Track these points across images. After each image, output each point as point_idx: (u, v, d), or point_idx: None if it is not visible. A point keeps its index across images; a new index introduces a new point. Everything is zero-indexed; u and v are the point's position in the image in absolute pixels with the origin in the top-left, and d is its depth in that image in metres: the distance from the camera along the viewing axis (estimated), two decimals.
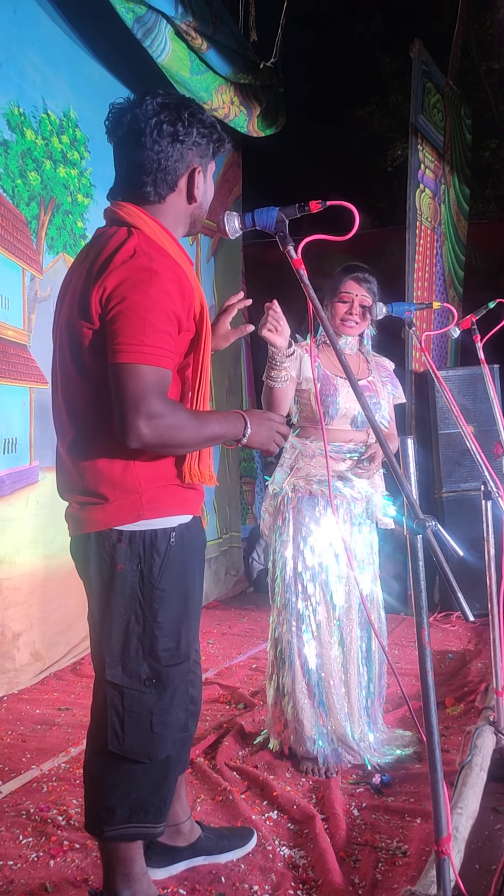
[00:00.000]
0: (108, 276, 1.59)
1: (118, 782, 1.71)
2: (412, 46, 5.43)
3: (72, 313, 1.68)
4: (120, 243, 1.63)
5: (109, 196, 1.81)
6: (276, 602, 2.74)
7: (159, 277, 1.58)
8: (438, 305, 3.02)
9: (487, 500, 2.62)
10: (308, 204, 1.67)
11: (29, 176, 3.89)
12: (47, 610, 3.91)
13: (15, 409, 3.79)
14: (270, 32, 6.10)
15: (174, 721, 1.74)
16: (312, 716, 2.63)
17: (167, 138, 1.69)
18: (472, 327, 2.91)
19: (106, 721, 1.69)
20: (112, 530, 1.67)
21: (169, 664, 1.70)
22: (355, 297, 2.74)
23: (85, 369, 1.67)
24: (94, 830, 1.76)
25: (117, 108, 1.73)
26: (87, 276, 1.65)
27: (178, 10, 4.43)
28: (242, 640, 4.51)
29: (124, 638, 1.68)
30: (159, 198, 1.74)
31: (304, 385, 2.70)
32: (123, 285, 1.57)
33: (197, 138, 1.73)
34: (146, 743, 1.70)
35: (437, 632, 4.58)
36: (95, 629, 1.73)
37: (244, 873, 2.02)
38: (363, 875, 2.00)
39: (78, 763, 2.73)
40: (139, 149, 1.69)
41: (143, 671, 1.69)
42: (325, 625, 2.67)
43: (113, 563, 1.67)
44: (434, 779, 1.51)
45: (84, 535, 1.72)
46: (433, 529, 1.46)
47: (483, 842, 2.15)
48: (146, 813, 1.72)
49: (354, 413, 2.73)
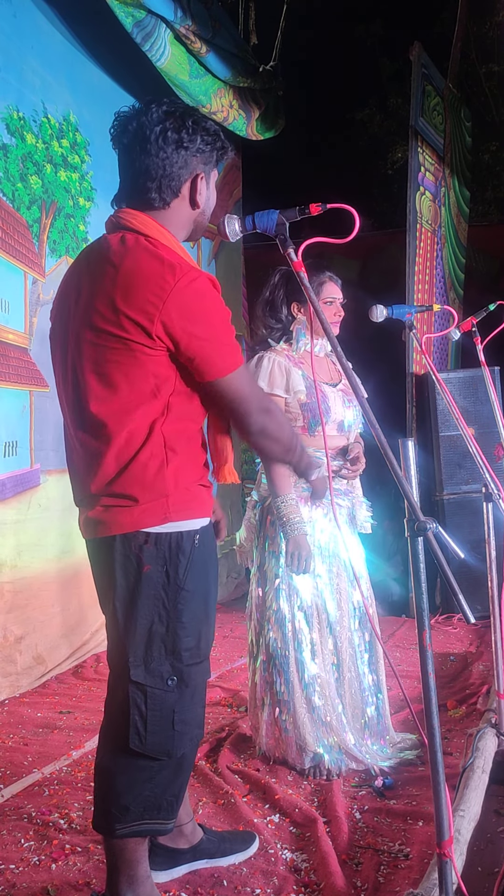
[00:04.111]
0: (136, 289, 1.62)
1: (134, 780, 1.73)
2: (412, 49, 5.44)
3: (89, 325, 1.67)
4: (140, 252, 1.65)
5: (114, 202, 1.82)
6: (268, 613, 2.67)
7: (204, 289, 1.66)
8: (439, 308, 3.02)
9: (488, 502, 2.61)
10: (308, 207, 1.68)
11: (30, 180, 3.89)
12: (49, 613, 3.91)
13: (15, 412, 3.79)
14: (270, 36, 6.11)
15: (194, 718, 1.77)
16: (314, 731, 2.59)
17: (172, 145, 1.72)
18: (472, 329, 2.91)
19: (126, 720, 1.70)
20: (139, 532, 1.69)
21: (190, 663, 1.74)
22: (337, 299, 2.76)
23: (110, 381, 1.67)
24: (104, 829, 1.76)
25: (123, 115, 1.76)
26: (109, 287, 1.65)
27: (178, 14, 4.44)
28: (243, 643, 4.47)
29: (147, 638, 1.71)
30: (164, 204, 1.76)
31: (292, 397, 2.67)
32: (178, 306, 1.62)
33: (201, 145, 1.76)
34: (167, 741, 1.72)
35: (438, 634, 4.58)
36: (118, 630, 1.74)
37: (246, 876, 2.02)
38: (365, 878, 1.99)
39: (80, 766, 2.74)
40: (144, 155, 1.72)
41: (166, 670, 1.71)
42: (319, 637, 2.64)
43: (140, 564, 1.69)
44: (436, 781, 1.50)
45: (109, 538, 1.72)
46: (434, 532, 1.46)
47: (485, 844, 2.14)
48: (158, 809, 1.75)
49: (342, 419, 2.72)
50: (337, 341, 1.71)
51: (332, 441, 2.72)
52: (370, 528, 2.81)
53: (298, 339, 2.75)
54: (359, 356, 3.01)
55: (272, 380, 2.68)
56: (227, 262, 6.23)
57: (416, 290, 5.46)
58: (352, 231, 1.64)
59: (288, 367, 2.68)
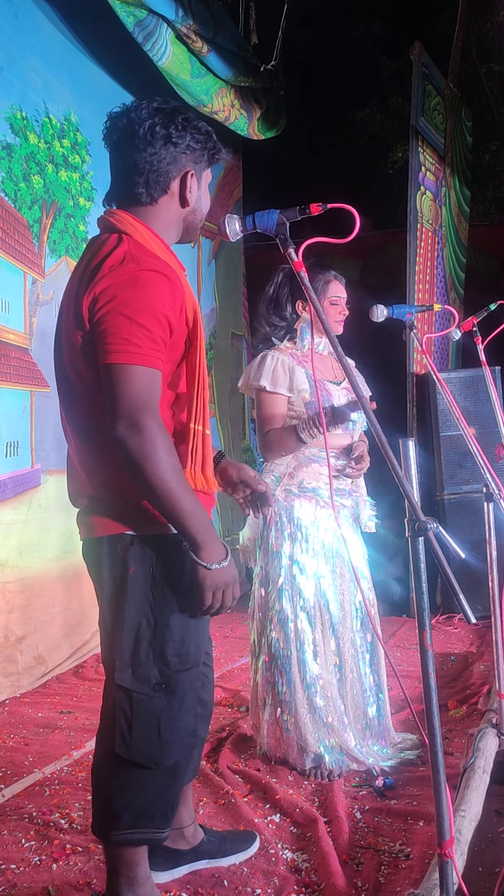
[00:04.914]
0: (97, 282, 1.61)
1: (125, 786, 1.71)
2: (412, 49, 5.44)
3: (67, 320, 1.70)
4: (110, 250, 1.65)
5: (105, 201, 1.83)
6: (270, 613, 2.66)
7: (148, 280, 1.60)
8: (439, 307, 3.02)
9: (489, 502, 2.61)
10: (309, 206, 1.68)
11: (32, 180, 3.89)
12: (50, 613, 3.91)
13: (16, 412, 3.79)
14: (271, 35, 6.11)
15: (182, 727, 1.73)
16: (315, 731, 2.59)
17: (160, 140, 1.72)
18: (473, 329, 2.91)
19: (114, 724, 1.69)
20: (125, 534, 1.68)
21: (179, 669, 1.70)
22: (342, 298, 2.77)
23: (81, 375, 1.68)
24: (99, 834, 1.76)
25: (114, 113, 1.77)
26: (78, 282, 1.67)
27: (179, 14, 4.44)
28: (244, 643, 4.49)
29: (135, 641, 1.68)
30: (151, 199, 1.75)
31: (296, 395, 2.68)
32: (111, 288, 1.59)
33: (191, 142, 1.75)
34: (153, 748, 1.69)
35: (439, 634, 4.58)
36: (107, 632, 1.73)
37: (247, 877, 2.02)
38: (366, 878, 1.99)
39: (80, 766, 2.74)
40: (132, 150, 1.72)
41: (153, 676, 1.68)
42: (322, 637, 2.64)
43: (125, 566, 1.68)
44: (437, 781, 1.50)
45: (97, 539, 1.72)
46: (435, 532, 1.46)
47: (486, 844, 2.14)
48: (152, 819, 1.72)
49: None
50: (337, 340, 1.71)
51: (336, 440, 2.72)
52: (374, 527, 2.81)
53: (303, 338, 2.76)
54: (360, 356, 3.02)
55: (275, 378, 2.68)
56: (227, 261, 6.22)
57: (416, 290, 5.46)
58: (352, 231, 1.64)
59: (292, 366, 2.68)
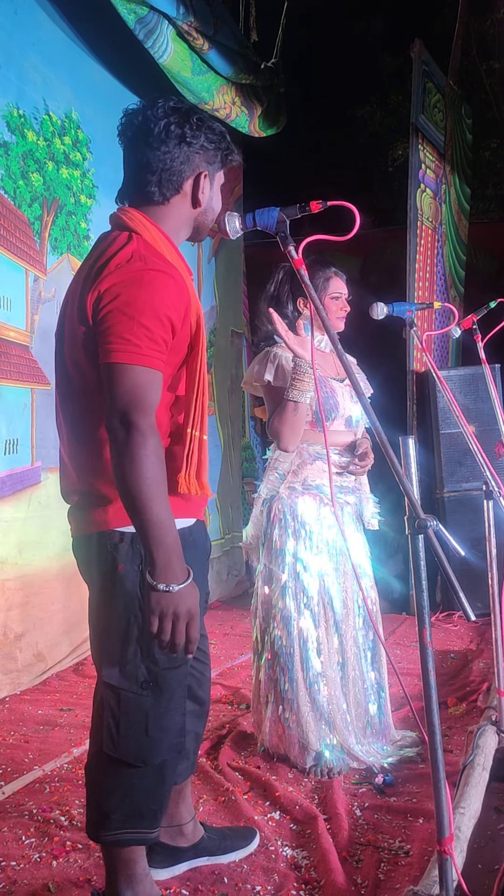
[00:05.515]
0: (103, 279, 1.61)
1: (114, 786, 1.71)
2: (413, 46, 5.44)
3: (71, 314, 1.70)
4: (119, 248, 1.65)
5: (117, 198, 1.82)
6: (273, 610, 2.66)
7: (153, 280, 1.60)
8: (439, 305, 3.02)
9: (489, 499, 2.62)
10: (309, 204, 1.67)
11: (31, 177, 3.89)
12: (50, 611, 3.91)
13: (17, 409, 3.79)
14: (271, 33, 6.10)
15: (171, 725, 1.73)
16: (317, 729, 2.59)
17: (174, 139, 1.71)
18: (473, 327, 2.91)
19: (102, 722, 1.69)
20: (114, 531, 1.67)
21: (167, 667, 1.69)
22: (343, 294, 2.77)
23: (80, 369, 1.68)
24: (91, 834, 1.76)
25: (130, 110, 1.76)
26: (85, 277, 1.67)
27: (180, 11, 4.43)
28: (244, 641, 4.51)
29: (123, 639, 1.67)
30: (163, 199, 1.75)
31: None
32: (116, 286, 1.59)
33: (205, 143, 1.75)
34: (141, 747, 1.69)
35: (438, 631, 4.58)
36: (96, 630, 1.73)
37: (246, 874, 2.02)
38: (366, 875, 2.00)
39: (80, 763, 2.74)
40: (146, 148, 1.72)
41: (141, 674, 1.67)
42: (325, 635, 2.64)
43: (114, 563, 1.67)
44: (436, 778, 1.50)
45: (86, 535, 1.73)
46: (434, 529, 1.46)
47: (486, 841, 2.15)
48: (141, 818, 1.72)
49: (349, 414, 2.72)
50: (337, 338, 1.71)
51: (340, 437, 2.72)
52: (377, 524, 2.81)
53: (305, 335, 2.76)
54: (361, 353, 3.02)
55: (278, 374, 2.68)
56: (227, 259, 6.22)
57: (416, 288, 5.46)
58: (352, 228, 1.64)
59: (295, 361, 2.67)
